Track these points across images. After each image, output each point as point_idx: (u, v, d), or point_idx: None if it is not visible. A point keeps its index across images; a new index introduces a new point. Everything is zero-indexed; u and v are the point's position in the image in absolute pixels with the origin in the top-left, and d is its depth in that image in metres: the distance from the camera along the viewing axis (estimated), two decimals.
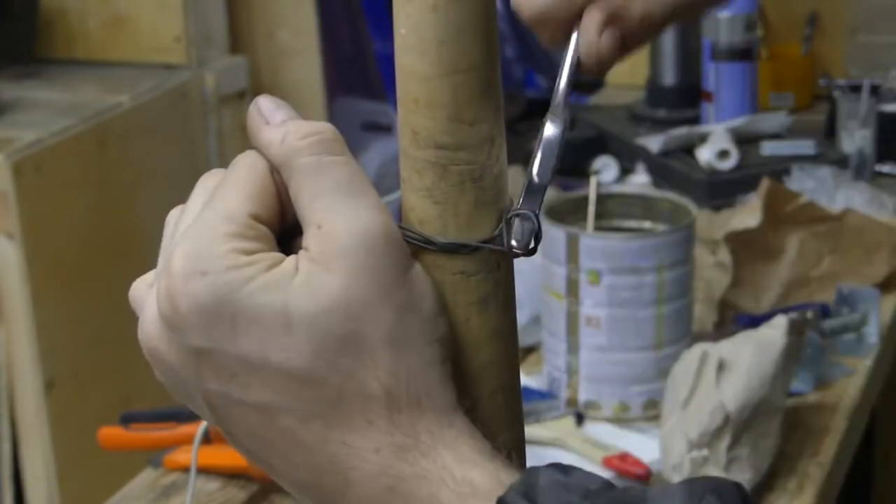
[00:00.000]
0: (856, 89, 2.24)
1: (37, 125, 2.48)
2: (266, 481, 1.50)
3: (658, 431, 1.52)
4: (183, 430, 1.56)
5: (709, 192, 2.13)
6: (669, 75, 2.40)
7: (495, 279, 0.63)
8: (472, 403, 0.63)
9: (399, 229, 0.61)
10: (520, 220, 0.63)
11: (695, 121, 2.34)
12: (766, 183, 1.87)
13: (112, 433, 1.62)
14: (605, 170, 2.25)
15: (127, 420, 1.62)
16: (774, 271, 1.85)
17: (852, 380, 1.69)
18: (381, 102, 3.33)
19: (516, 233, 0.62)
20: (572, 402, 1.62)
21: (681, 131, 2.24)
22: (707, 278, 1.82)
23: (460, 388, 0.62)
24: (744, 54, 2.29)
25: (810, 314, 1.70)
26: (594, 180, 1.69)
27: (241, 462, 1.48)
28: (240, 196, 0.61)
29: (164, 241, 0.63)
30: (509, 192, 0.64)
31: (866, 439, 2.00)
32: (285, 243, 0.62)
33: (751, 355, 1.46)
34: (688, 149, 2.21)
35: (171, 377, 0.62)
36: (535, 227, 0.63)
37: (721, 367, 1.46)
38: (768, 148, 2.21)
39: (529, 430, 1.43)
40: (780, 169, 2.13)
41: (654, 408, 1.59)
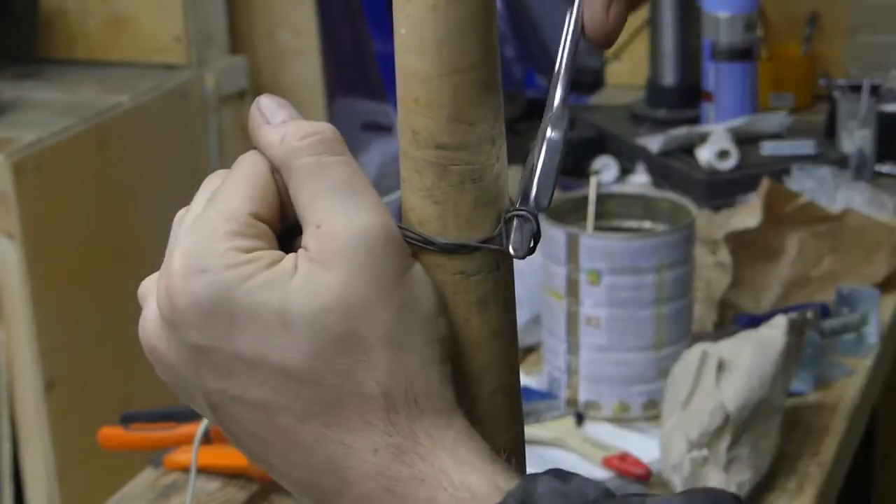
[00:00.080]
0: (856, 89, 2.24)
1: (37, 125, 2.48)
2: (266, 481, 1.50)
3: (658, 431, 1.52)
4: (183, 430, 1.56)
5: (709, 192, 2.13)
6: (669, 75, 2.40)
7: (495, 279, 0.63)
8: (472, 403, 0.63)
9: (399, 229, 0.61)
10: (519, 221, 0.62)
11: (695, 121, 2.34)
12: (766, 183, 1.87)
13: (112, 433, 1.62)
14: (605, 170, 2.25)
15: (127, 420, 1.62)
16: (774, 271, 1.85)
17: (852, 380, 1.69)
18: (381, 102, 3.33)
19: (515, 240, 0.62)
20: (572, 402, 1.62)
21: (681, 131, 2.24)
22: (707, 278, 1.82)
23: (460, 388, 0.62)
24: (744, 54, 2.29)
25: (810, 314, 1.70)
26: (594, 180, 1.69)
27: (241, 462, 1.48)
28: (241, 195, 0.61)
29: (170, 242, 0.63)
30: (509, 192, 0.64)
31: (866, 439, 2.00)
32: (286, 243, 0.62)
33: (751, 355, 1.46)
34: (688, 149, 2.21)
35: (171, 376, 0.62)
36: (534, 228, 0.63)
37: (721, 367, 1.46)
38: (768, 148, 2.21)
39: (529, 430, 1.43)
40: (780, 169, 2.13)
41: (654, 408, 1.59)
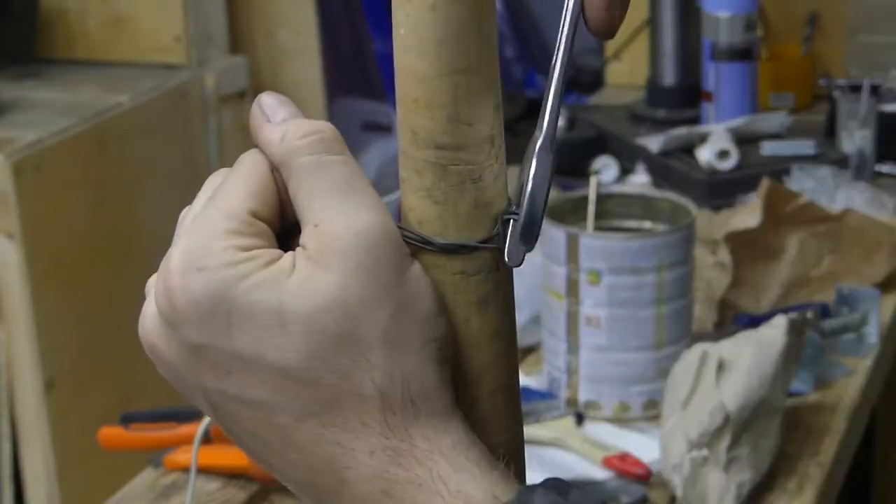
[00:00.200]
0: (856, 89, 2.24)
1: (37, 125, 2.48)
2: (266, 481, 1.50)
3: (658, 431, 1.52)
4: (183, 430, 1.56)
5: (709, 192, 2.13)
6: (669, 75, 2.40)
7: (495, 279, 0.63)
8: (472, 404, 0.63)
9: (398, 229, 0.61)
10: (514, 226, 0.62)
11: (695, 121, 2.34)
12: (766, 183, 1.87)
13: (112, 433, 1.62)
14: (605, 170, 2.25)
15: (127, 420, 1.62)
16: (774, 271, 1.85)
17: (852, 380, 1.69)
18: (381, 102, 3.33)
19: (510, 248, 0.62)
20: (572, 402, 1.62)
21: (681, 131, 2.24)
22: (707, 278, 1.82)
23: (459, 388, 0.62)
24: (744, 54, 2.29)
25: (810, 314, 1.70)
26: (594, 180, 1.69)
27: (241, 462, 1.48)
28: (240, 193, 0.61)
29: (173, 242, 0.63)
30: (508, 192, 0.64)
31: (866, 439, 2.00)
32: (286, 241, 0.62)
33: (751, 355, 1.46)
34: (688, 149, 2.21)
35: (172, 374, 0.62)
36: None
37: (721, 367, 1.46)
38: (768, 148, 2.21)
39: (529, 430, 1.43)
40: (780, 169, 2.13)
41: (654, 408, 1.59)
